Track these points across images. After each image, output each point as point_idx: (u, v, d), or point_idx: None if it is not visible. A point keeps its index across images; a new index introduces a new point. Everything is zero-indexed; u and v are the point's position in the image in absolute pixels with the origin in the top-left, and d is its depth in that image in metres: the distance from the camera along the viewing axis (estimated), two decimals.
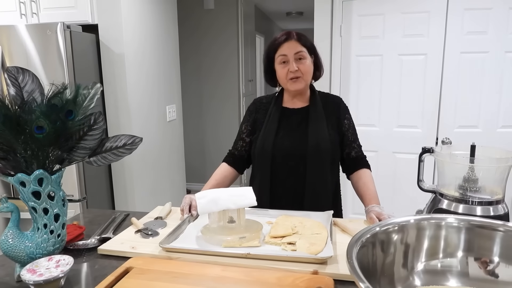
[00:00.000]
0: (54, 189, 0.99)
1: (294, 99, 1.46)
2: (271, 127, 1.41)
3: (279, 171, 1.39)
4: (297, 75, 1.36)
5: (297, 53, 1.35)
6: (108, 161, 1.01)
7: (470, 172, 0.99)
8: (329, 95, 1.51)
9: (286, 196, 1.39)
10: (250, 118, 1.50)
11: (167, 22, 2.84)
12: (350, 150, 1.45)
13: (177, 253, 1.03)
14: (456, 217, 0.79)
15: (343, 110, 1.46)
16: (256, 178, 1.46)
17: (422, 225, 0.77)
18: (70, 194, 2.16)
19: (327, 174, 1.38)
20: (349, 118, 1.48)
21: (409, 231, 0.77)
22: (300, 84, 1.37)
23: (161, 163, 2.81)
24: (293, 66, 1.34)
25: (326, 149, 1.36)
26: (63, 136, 0.96)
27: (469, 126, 2.65)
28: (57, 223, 1.00)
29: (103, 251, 1.08)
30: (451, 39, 2.56)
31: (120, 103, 2.36)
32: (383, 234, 0.72)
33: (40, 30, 2.05)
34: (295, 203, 1.36)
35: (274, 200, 1.39)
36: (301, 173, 1.36)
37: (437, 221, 0.79)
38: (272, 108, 1.45)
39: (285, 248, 1.05)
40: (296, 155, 1.37)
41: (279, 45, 1.37)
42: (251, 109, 1.52)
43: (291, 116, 1.44)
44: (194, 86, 4.27)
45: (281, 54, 1.36)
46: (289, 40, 1.36)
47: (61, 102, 0.96)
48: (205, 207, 1.12)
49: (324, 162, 1.37)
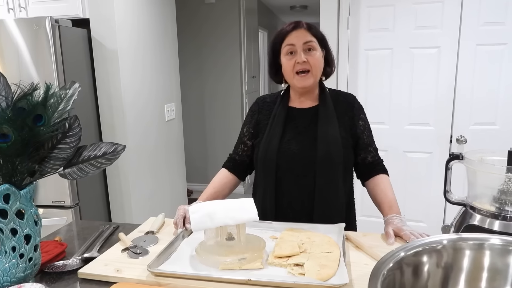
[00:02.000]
0: (24, 206, 0.86)
1: (302, 97, 1.30)
2: (276, 130, 1.26)
3: (284, 180, 1.24)
4: (305, 67, 1.20)
5: (306, 43, 1.19)
6: (84, 173, 0.87)
7: (507, 183, 0.84)
8: (340, 92, 1.35)
9: (293, 209, 1.24)
10: (253, 120, 1.35)
11: (165, 17, 2.70)
12: (366, 155, 1.29)
13: (167, 277, 0.90)
14: (502, 237, 0.64)
15: (357, 109, 1.30)
16: (259, 187, 1.31)
17: (459, 247, 0.63)
18: (62, 200, 2.03)
19: (339, 182, 1.23)
20: (364, 118, 1.32)
21: (443, 256, 0.63)
22: (308, 80, 1.22)
23: (160, 165, 2.68)
24: (301, 56, 1.18)
25: (338, 155, 1.21)
26: (32, 144, 0.83)
27: (485, 123, 2.49)
28: (28, 245, 0.86)
29: (83, 275, 0.95)
30: (466, 30, 2.40)
31: (114, 102, 2.22)
32: (410, 258, 0.58)
33: (28, 25, 1.92)
34: (304, 216, 1.22)
35: (279, 213, 1.25)
36: (310, 182, 1.21)
37: (476, 243, 0.66)
38: (277, 108, 1.30)
39: (291, 270, 0.91)
40: (304, 162, 1.21)
41: (286, 34, 1.21)
42: (254, 110, 1.37)
43: (299, 117, 1.28)
44: (195, 84, 4.13)
45: (288, 44, 1.20)
46: (298, 28, 1.20)
47: (29, 106, 0.82)
48: (199, 223, 0.98)
49: (336, 170, 1.22)
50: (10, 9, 2.17)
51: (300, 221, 1.18)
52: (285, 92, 1.34)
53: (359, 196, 2.88)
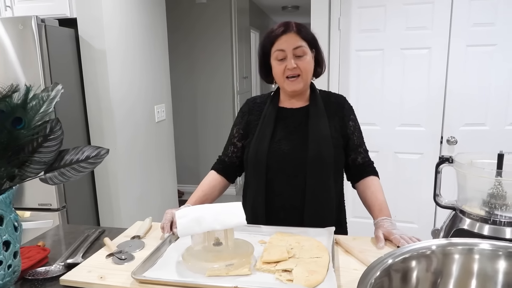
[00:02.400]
0: (3, 212, 0.82)
1: (292, 99, 1.29)
2: (266, 130, 1.24)
3: (275, 181, 1.22)
4: (296, 72, 1.19)
5: (296, 48, 1.18)
6: (66, 178, 0.84)
7: (497, 186, 0.83)
8: (331, 93, 1.34)
9: (284, 210, 1.22)
10: (243, 121, 1.33)
11: (155, 16, 2.66)
12: (356, 156, 1.28)
13: (152, 284, 0.88)
14: (491, 242, 0.64)
15: (347, 110, 1.30)
16: (249, 188, 1.29)
17: (448, 252, 0.62)
18: (48, 203, 1.99)
19: (330, 183, 1.22)
20: (354, 119, 1.31)
21: (432, 261, 0.62)
22: (298, 84, 1.21)
23: (150, 166, 2.65)
24: (291, 63, 1.17)
25: (329, 155, 1.19)
26: (11, 148, 0.80)
27: (476, 124, 2.50)
28: (7, 252, 0.83)
29: (66, 282, 0.92)
30: (456, 31, 2.40)
31: (102, 103, 2.18)
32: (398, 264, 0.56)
33: (14, 24, 1.88)
34: (295, 216, 1.20)
35: (270, 213, 1.23)
36: (301, 183, 1.19)
37: (465, 248, 0.65)
38: (268, 109, 1.28)
39: (279, 276, 0.89)
40: (295, 162, 1.20)
41: (276, 38, 1.19)
42: (244, 110, 1.35)
43: (289, 117, 1.27)
44: (186, 84, 4.10)
45: (278, 49, 1.19)
46: (288, 32, 1.18)
47: (8, 108, 0.80)
48: (186, 228, 0.96)
49: (327, 170, 1.20)
50: None
51: (291, 222, 1.17)
52: (275, 92, 1.33)
53: (350, 197, 2.87)
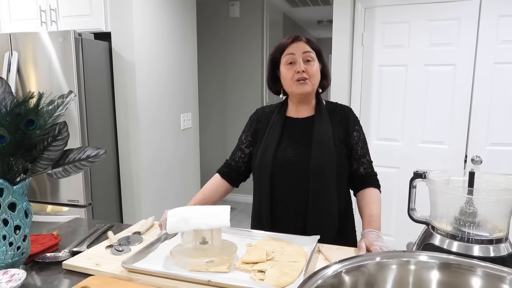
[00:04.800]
0: (16, 200, 0.96)
1: (299, 107, 1.34)
2: (272, 138, 1.30)
3: (279, 188, 1.27)
4: (304, 76, 1.25)
5: (305, 53, 1.25)
6: (68, 174, 0.97)
7: (467, 204, 0.84)
8: (337, 104, 1.39)
9: (288, 215, 1.27)
10: (251, 128, 1.41)
11: (185, 30, 2.84)
12: (358, 166, 1.31)
13: (138, 274, 0.97)
14: (430, 254, 0.66)
15: (352, 121, 1.33)
16: (255, 194, 1.35)
17: (385, 265, 0.65)
18: (76, 200, 2.18)
19: (332, 191, 1.24)
20: (359, 130, 1.34)
21: (370, 274, 0.65)
22: (306, 86, 1.26)
23: (173, 172, 2.79)
24: (300, 65, 1.24)
25: (331, 163, 1.23)
26: (24, 146, 0.93)
27: (503, 144, 2.40)
28: (17, 235, 0.97)
29: (67, 266, 1.04)
30: (483, 48, 2.35)
31: (129, 110, 2.36)
32: (333, 278, 0.61)
33: (56, 38, 2.11)
34: (298, 223, 1.25)
35: (275, 219, 1.28)
36: (303, 190, 1.24)
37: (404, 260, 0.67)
38: (275, 118, 1.35)
39: (254, 276, 0.95)
40: (299, 170, 1.24)
41: (286, 46, 1.28)
42: (253, 119, 1.43)
43: (295, 126, 1.32)
44: (218, 95, 4.25)
45: (288, 53, 1.26)
46: (297, 41, 1.27)
47: (25, 111, 0.93)
48: (174, 226, 1.05)
49: (329, 177, 1.23)
50: (43, 23, 2.38)
51: (295, 228, 1.22)
52: (283, 103, 1.39)
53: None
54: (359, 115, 2.72)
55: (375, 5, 2.56)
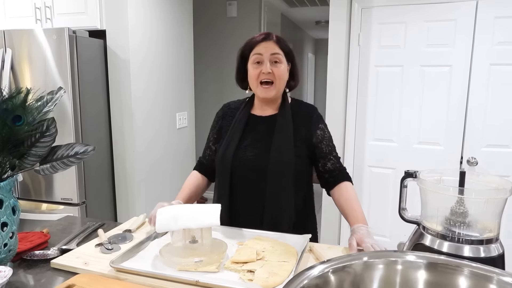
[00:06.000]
0: (3, 197, 0.95)
1: (264, 105, 1.35)
2: (234, 136, 1.30)
3: (239, 184, 1.28)
4: (270, 78, 1.25)
5: (273, 55, 1.25)
6: (56, 170, 0.95)
7: (457, 204, 0.84)
8: (302, 103, 1.39)
9: (246, 213, 1.28)
10: (217, 125, 1.41)
11: (182, 29, 2.83)
12: (325, 162, 1.31)
13: (126, 273, 0.96)
14: (417, 254, 0.65)
15: (315, 120, 1.33)
16: (216, 190, 1.35)
17: (372, 265, 0.64)
18: (69, 198, 2.16)
19: (289, 191, 1.25)
20: (323, 128, 1.33)
21: (356, 274, 0.65)
22: (270, 92, 1.27)
23: (168, 170, 2.78)
24: (267, 67, 1.23)
25: (289, 164, 1.23)
26: (11, 142, 0.92)
27: (499, 145, 2.40)
28: (4, 232, 0.95)
29: (55, 265, 1.03)
30: (479, 49, 2.34)
31: (124, 108, 2.35)
32: (318, 279, 0.60)
33: (50, 35, 2.09)
34: (255, 221, 1.25)
35: (233, 217, 1.29)
36: (262, 188, 1.24)
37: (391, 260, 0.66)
38: (239, 115, 1.35)
39: (243, 276, 0.94)
40: (257, 169, 1.25)
41: (255, 44, 1.27)
42: (219, 115, 1.43)
43: (258, 124, 1.33)
44: (214, 94, 4.24)
45: (256, 53, 1.26)
46: (267, 40, 1.26)
47: (12, 107, 0.92)
48: (164, 224, 1.04)
49: (286, 178, 1.24)
50: (38, 20, 2.36)
51: (251, 225, 1.21)
52: (250, 99, 1.39)
53: (365, 213, 2.84)
54: (355, 116, 2.72)
55: (372, 6, 2.56)
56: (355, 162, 2.76)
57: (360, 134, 2.73)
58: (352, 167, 2.76)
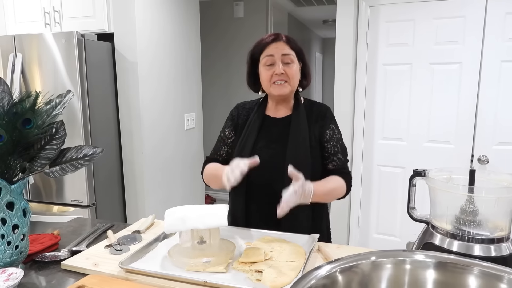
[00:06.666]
0: (14, 199, 0.96)
1: (278, 106, 1.34)
2: (250, 137, 1.30)
3: (255, 186, 1.27)
4: (283, 78, 1.24)
5: (284, 55, 1.24)
6: (64, 172, 0.97)
7: (467, 203, 0.82)
8: (315, 103, 1.37)
9: (261, 214, 1.27)
10: (232, 123, 1.40)
11: (189, 30, 2.84)
12: (328, 162, 1.30)
13: (135, 274, 0.97)
14: (426, 253, 0.65)
15: (328, 119, 1.32)
16: (231, 192, 1.35)
17: (380, 264, 0.64)
18: (79, 200, 2.19)
19: None
20: (334, 128, 1.32)
21: (364, 273, 0.64)
22: (285, 88, 1.25)
23: (177, 171, 2.80)
24: (279, 68, 1.22)
25: (305, 166, 1.22)
26: (21, 145, 0.94)
27: (511, 143, 2.36)
28: (15, 234, 0.97)
29: (66, 266, 1.04)
30: (489, 46, 2.31)
31: (132, 111, 2.37)
32: (326, 279, 0.59)
33: (59, 39, 2.12)
34: (271, 221, 1.23)
35: (249, 217, 1.29)
36: (278, 190, 1.22)
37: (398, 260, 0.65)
38: (254, 116, 1.34)
39: (251, 276, 0.94)
40: (273, 170, 1.24)
41: (265, 46, 1.26)
42: (234, 114, 1.41)
43: (273, 126, 1.32)
44: (221, 95, 4.25)
45: (267, 55, 1.25)
46: (277, 41, 1.25)
47: (21, 110, 0.94)
48: (172, 225, 1.05)
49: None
50: (47, 24, 2.40)
51: (268, 226, 1.21)
52: (263, 100, 1.38)
53: (374, 214, 2.82)
54: (363, 115, 2.70)
55: (379, 4, 2.54)
56: (364, 161, 2.74)
57: (368, 133, 2.71)
58: (361, 166, 2.75)
